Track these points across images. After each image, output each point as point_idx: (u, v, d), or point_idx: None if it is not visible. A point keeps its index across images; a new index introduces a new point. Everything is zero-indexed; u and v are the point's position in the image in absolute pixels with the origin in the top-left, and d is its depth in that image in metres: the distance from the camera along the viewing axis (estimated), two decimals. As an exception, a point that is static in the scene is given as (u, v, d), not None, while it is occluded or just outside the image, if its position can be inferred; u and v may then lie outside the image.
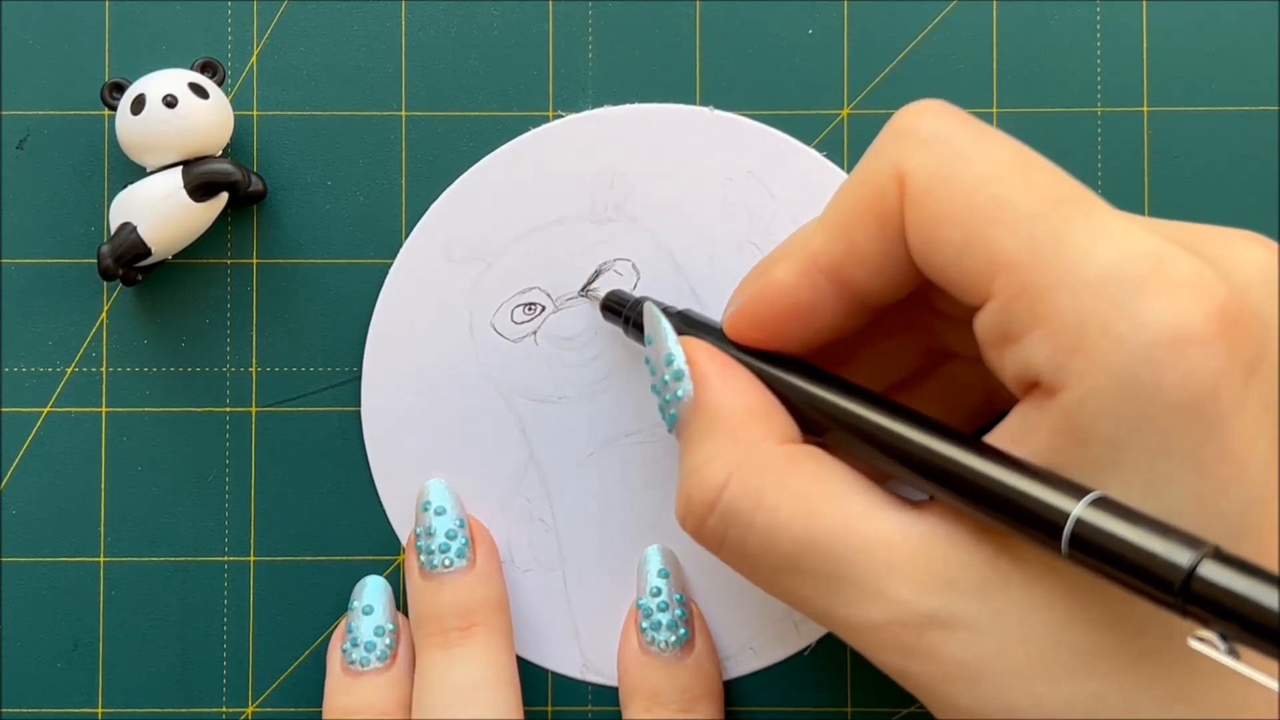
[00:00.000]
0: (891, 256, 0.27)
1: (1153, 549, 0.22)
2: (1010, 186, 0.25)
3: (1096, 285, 0.24)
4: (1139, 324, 0.24)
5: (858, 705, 0.35)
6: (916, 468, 0.26)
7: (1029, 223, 0.25)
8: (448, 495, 0.35)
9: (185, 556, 0.35)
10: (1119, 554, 0.23)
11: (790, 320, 0.29)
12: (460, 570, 0.34)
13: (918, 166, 0.26)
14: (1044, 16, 0.36)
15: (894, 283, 0.28)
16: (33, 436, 0.35)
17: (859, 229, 0.27)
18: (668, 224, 0.35)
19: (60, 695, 0.35)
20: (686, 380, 0.30)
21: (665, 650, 0.34)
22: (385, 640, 0.34)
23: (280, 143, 0.36)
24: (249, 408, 0.35)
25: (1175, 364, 0.23)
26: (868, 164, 0.27)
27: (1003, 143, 0.26)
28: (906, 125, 0.27)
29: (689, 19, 0.36)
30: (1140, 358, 0.23)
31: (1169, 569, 0.22)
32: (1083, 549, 0.23)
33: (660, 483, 0.35)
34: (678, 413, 0.30)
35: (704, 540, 0.29)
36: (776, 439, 0.28)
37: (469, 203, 0.35)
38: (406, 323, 0.35)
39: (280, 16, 0.36)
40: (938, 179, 0.26)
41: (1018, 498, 0.24)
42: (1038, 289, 0.25)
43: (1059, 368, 0.24)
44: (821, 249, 0.28)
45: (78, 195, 0.35)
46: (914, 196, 0.26)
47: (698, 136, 0.35)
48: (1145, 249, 0.24)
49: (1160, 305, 0.24)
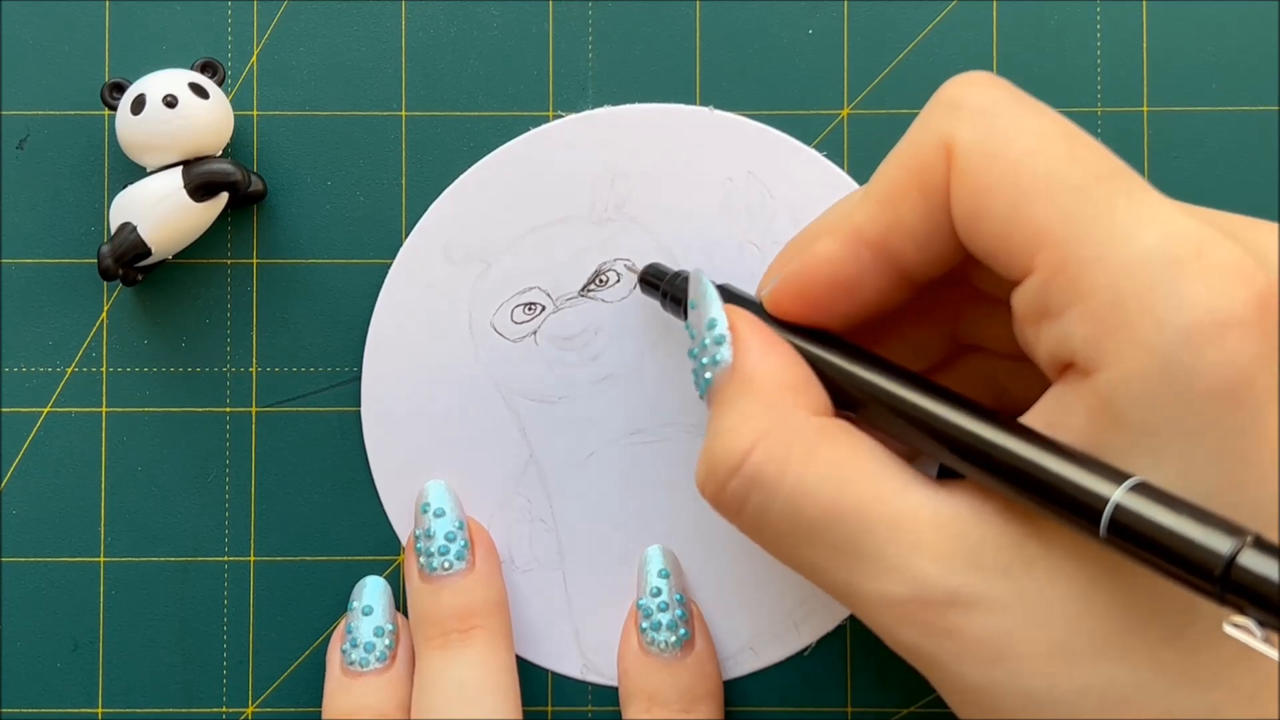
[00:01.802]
0: (937, 229, 0.27)
1: (1193, 536, 0.22)
2: (1056, 161, 0.25)
3: (1138, 265, 0.24)
4: (1179, 306, 0.23)
5: (858, 705, 0.35)
6: (954, 446, 0.26)
7: (1073, 198, 0.25)
8: (447, 497, 0.35)
9: (185, 556, 0.35)
10: (1158, 540, 0.23)
11: (834, 294, 0.29)
12: (460, 572, 0.34)
13: (965, 138, 0.26)
14: (1044, 16, 0.36)
15: (939, 256, 0.28)
16: (33, 436, 0.35)
17: (905, 201, 0.27)
18: (668, 224, 0.35)
19: (60, 695, 0.35)
20: (727, 346, 0.29)
21: (665, 650, 0.34)
22: (385, 641, 0.34)
23: (280, 143, 0.36)
24: (249, 408, 0.35)
25: (1214, 348, 0.23)
26: (914, 135, 0.27)
27: (1049, 116, 0.26)
28: (954, 96, 0.27)
29: (689, 19, 0.36)
30: (1179, 340, 0.23)
31: (1209, 556, 0.22)
32: (1122, 534, 0.23)
33: (661, 483, 0.35)
34: (713, 377, 0.29)
35: (723, 505, 0.28)
36: (809, 410, 0.28)
37: (468, 203, 0.35)
38: (406, 323, 0.35)
39: (280, 16, 0.36)
40: (985, 151, 0.26)
41: (1056, 481, 0.24)
42: (1079, 265, 0.24)
43: (1096, 347, 0.24)
44: (867, 222, 0.28)
45: (78, 195, 0.36)
46: (960, 168, 0.26)
47: (698, 136, 0.35)
48: (1188, 232, 0.24)
49: (1201, 289, 0.24)
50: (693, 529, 0.35)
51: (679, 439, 0.35)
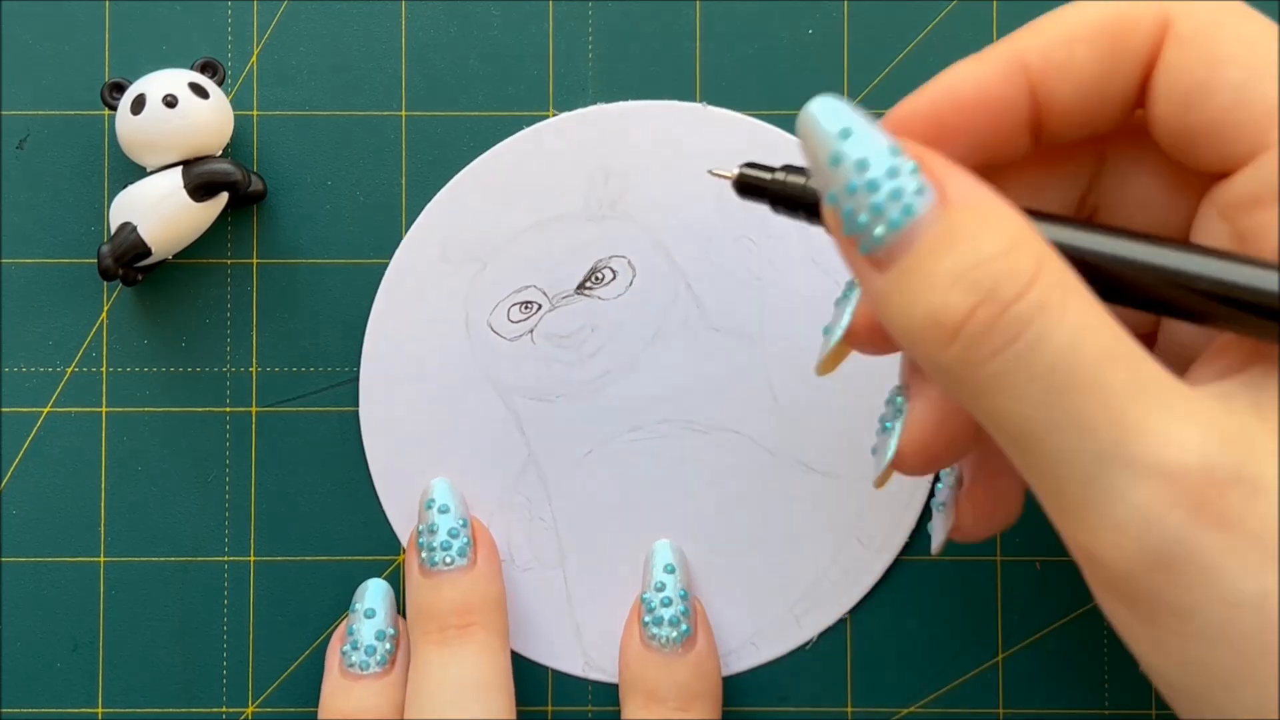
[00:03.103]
0: (1109, 85, 0.25)
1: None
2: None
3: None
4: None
5: (858, 705, 0.35)
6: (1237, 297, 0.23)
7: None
8: (451, 494, 0.35)
9: (185, 556, 0.35)
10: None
11: (972, 118, 0.25)
12: (460, 569, 0.34)
13: (1191, 10, 0.25)
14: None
15: (1093, 116, 0.26)
16: (33, 436, 0.35)
17: (1087, 45, 0.25)
18: (663, 220, 0.35)
19: (60, 695, 0.35)
20: (921, 175, 0.23)
21: (666, 645, 0.34)
22: (385, 645, 0.34)
23: (280, 143, 0.36)
24: (249, 408, 0.35)
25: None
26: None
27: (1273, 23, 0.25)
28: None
29: (689, 19, 0.36)
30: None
31: None
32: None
33: (660, 480, 0.35)
34: (903, 221, 0.23)
35: (986, 339, 0.23)
36: None
37: (463, 202, 0.35)
38: (403, 323, 0.35)
39: (280, 16, 0.36)
40: (1215, 24, 0.25)
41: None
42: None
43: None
44: (1035, 49, 0.25)
45: (78, 195, 0.36)
46: (1185, 36, 0.25)
47: (692, 133, 0.35)
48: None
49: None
50: (693, 525, 0.35)
51: (677, 436, 0.35)
